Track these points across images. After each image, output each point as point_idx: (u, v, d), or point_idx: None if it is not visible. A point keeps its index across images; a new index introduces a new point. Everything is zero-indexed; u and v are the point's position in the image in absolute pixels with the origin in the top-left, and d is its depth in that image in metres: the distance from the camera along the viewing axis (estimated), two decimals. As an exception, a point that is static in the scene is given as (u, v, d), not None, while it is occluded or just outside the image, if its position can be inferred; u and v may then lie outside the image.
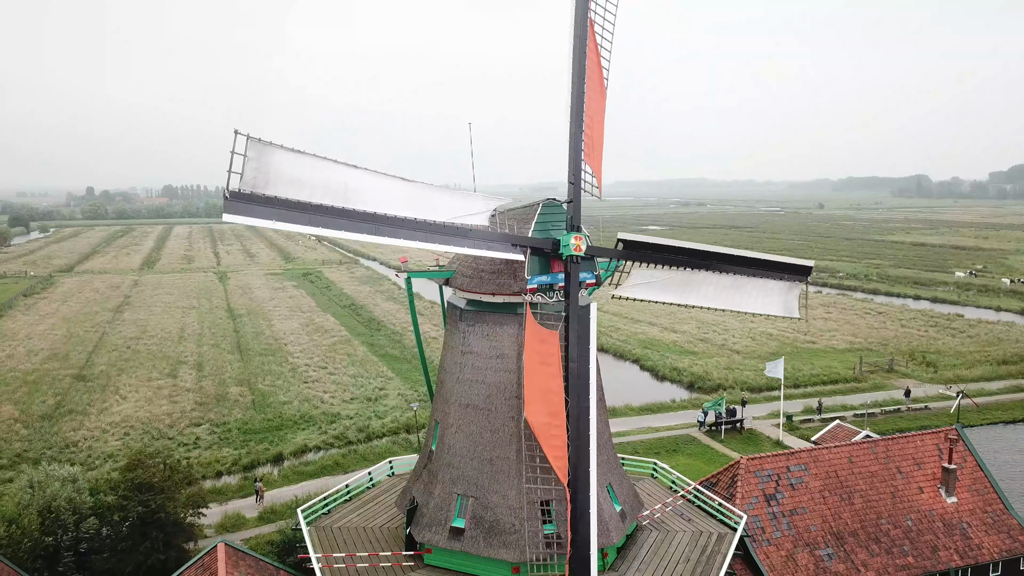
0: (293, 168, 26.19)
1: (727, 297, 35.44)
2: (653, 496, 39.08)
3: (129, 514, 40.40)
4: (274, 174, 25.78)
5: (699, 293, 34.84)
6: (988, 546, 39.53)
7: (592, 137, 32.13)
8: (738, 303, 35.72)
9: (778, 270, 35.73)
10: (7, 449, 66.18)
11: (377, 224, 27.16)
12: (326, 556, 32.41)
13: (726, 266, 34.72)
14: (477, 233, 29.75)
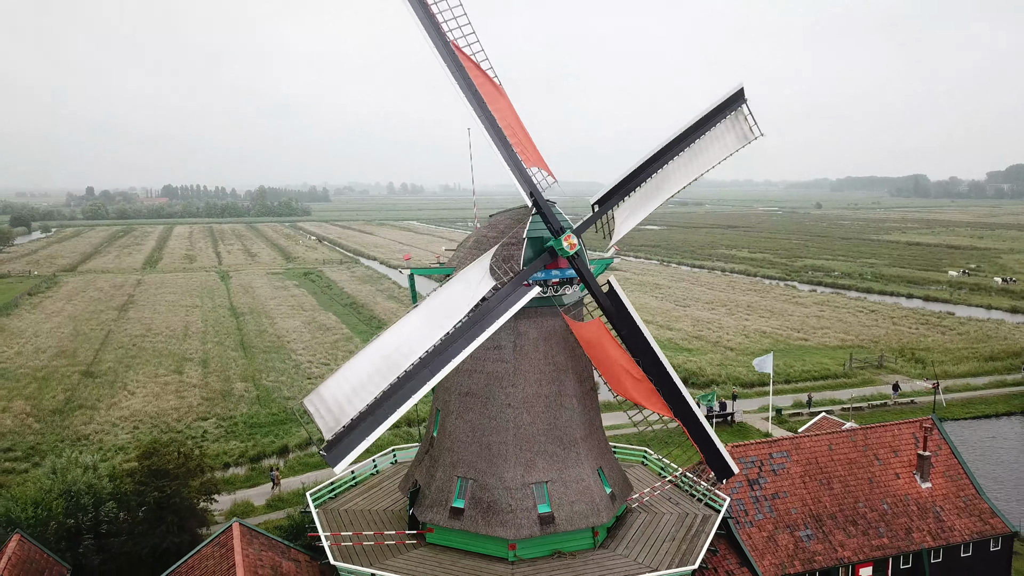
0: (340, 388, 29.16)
1: (695, 168, 36.31)
2: (643, 481, 41.24)
3: (145, 499, 42.59)
4: (335, 405, 28.85)
5: (671, 182, 35.93)
6: (960, 528, 41.72)
7: (521, 141, 34.21)
8: (705, 164, 36.44)
9: (717, 113, 36.53)
10: (21, 442, 68.31)
11: (424, 376, 29.63)
12: (334, 535, 34.57)
13: (676, 149, 35.77)
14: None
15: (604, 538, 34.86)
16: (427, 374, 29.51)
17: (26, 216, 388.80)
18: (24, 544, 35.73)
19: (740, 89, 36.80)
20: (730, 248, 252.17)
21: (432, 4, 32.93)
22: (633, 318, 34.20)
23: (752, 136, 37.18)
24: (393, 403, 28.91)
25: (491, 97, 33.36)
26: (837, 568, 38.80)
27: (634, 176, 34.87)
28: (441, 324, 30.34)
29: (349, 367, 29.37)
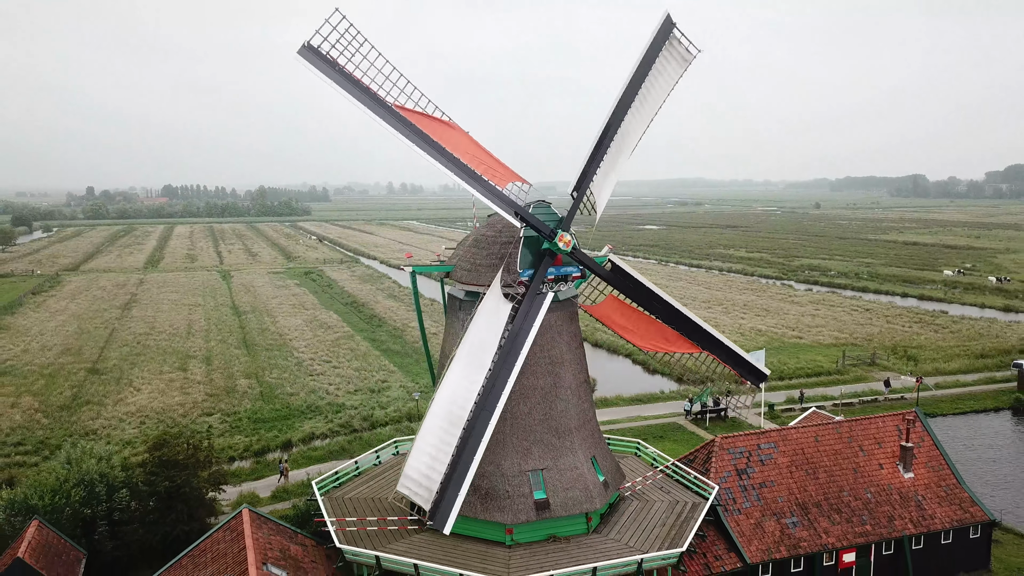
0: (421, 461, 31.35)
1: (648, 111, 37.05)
2: (636, 471, 42.88)
3: (156, 488, 44.16)
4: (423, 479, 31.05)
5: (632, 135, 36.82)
6: (940, 516, 43.33)
7: (489, 164, 35.97)
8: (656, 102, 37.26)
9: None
10: (30, 437, 69.81)
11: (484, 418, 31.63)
12: (339, 520, 36.18)
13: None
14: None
15: (597, 524, 36.47)
16: (486, 415, 31.55)
17: (27, 216, 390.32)
18: (43, 529, 37.35)
19: (667, 15, 37.55)
20: (728, 248, 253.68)
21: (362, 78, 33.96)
22: (643, 283, 36.50)
23: (691, 55, 37.85)
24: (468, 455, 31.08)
25: (446, 136, 34.86)
26: (821, 553, 40.41)
27: (599, 146, 35.95)
28: (482, 362, 32.11)
29: (421, 439, 31.38)
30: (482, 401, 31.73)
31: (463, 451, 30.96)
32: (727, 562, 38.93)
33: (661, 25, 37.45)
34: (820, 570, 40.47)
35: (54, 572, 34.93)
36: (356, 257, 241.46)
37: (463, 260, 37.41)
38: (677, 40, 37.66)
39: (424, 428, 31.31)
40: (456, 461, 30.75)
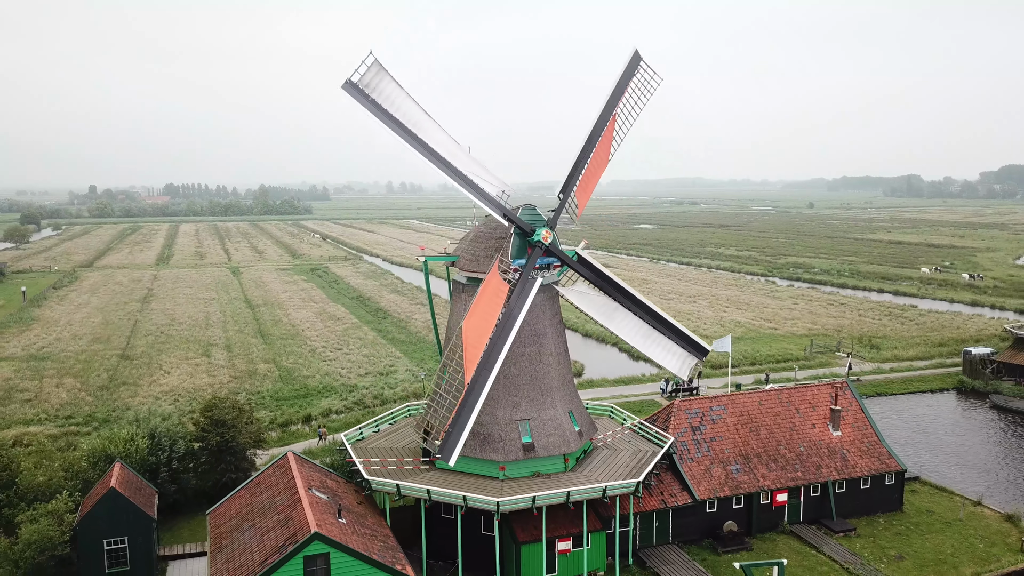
0: (393, 93, 40.76)
1: (639, 338, 45.79)
2: (608, 428, 51.57)
3: (208, 443, 52.87)
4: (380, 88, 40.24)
5: (619, 324, 45.76)
6: (861, 466, 52.08)
7: (587, 181, 44.57)
8: (645, 348, 46.06)
9: (680, 340, 46.76)
10: (78, 412, 78.38)
11: (427, 153, 40.72)
12: (365, 461, 44.87)
13: (644, 314, 45.95)
14: (487, 195, 42.47)
15: (574, 465, 45.16)
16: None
17: (36, 214, 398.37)
18: (124, 470, 46.07)
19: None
20: (718, 246, 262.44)
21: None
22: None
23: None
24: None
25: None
26: (758, 493, 49.16)
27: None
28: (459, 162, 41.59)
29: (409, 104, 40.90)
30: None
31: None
32: (680, 499, 47.71)
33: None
34: (757, 507, 49.24)
35: (138, 501, 43.58)
36: (359, 254, 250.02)
37: (465, 252, 46.06)
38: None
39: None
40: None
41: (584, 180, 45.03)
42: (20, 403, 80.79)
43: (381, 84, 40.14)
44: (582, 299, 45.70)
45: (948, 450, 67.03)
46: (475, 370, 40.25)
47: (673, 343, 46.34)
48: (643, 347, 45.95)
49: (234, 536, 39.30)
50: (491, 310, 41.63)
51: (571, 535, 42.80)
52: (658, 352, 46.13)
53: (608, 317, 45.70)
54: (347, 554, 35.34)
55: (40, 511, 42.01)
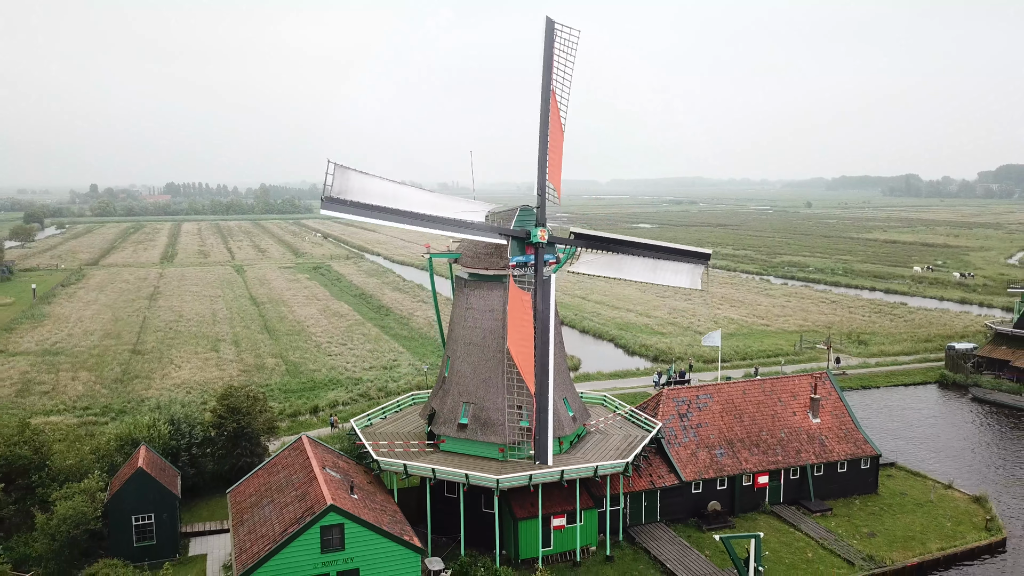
0: (362, 183, 42.34)
1: (648, 273, 50.67)
2: (601, 416, 54.91)
3: (224, 429, 56.21)
4: (350, 187, 41.96)
5: (628, 271, 50.22)
6: (838, 451, 55.45)
7: (554, 162, 47.83)
8: (656, 278, 50.89)
9: (683, 256, 50.94)
10: (94, 404, 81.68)
11: (415, 219, 43.20)
12: (374, 444, 48.23)
13: (644, 251, 50.04)
14: (478, 225, 45.65)
15: (567, 448, 48.51)
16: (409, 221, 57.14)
17: (39, 213, 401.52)
18: (149, 452, 49.43)
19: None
20: (716, 245, 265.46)
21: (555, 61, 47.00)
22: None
23: (697, 287, 50.99)
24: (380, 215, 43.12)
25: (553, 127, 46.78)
26: (741, 475, 52.54)
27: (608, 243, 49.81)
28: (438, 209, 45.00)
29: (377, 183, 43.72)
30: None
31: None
32: (668, 480, 51.08)
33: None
34: (740, 488, 52.62)
35: (163, 481, 46.92)
36: (361, 253, 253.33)
37: (467, 250, 49.37)
38: (700, 271, 50.79)
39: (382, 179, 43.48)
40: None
41: (552, 163, 47.78)
42: (39, 395, 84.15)
43: (349, 182, 42.38)
44: (591, 266, 49.54)
45: (926, 439, 70.40)
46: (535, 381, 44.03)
47: (678, 263, 50.86)
48: (655, 278, 50.41)
49: (254, 511, 42.67)
50: (524, 321, 45.08)
51: (565, 512, 46.17)
52: (669, 276, 50.68)
53: (617, 270, 50.15)
54: (360, 525, 38.72)
55: (74, 489, 45.34)
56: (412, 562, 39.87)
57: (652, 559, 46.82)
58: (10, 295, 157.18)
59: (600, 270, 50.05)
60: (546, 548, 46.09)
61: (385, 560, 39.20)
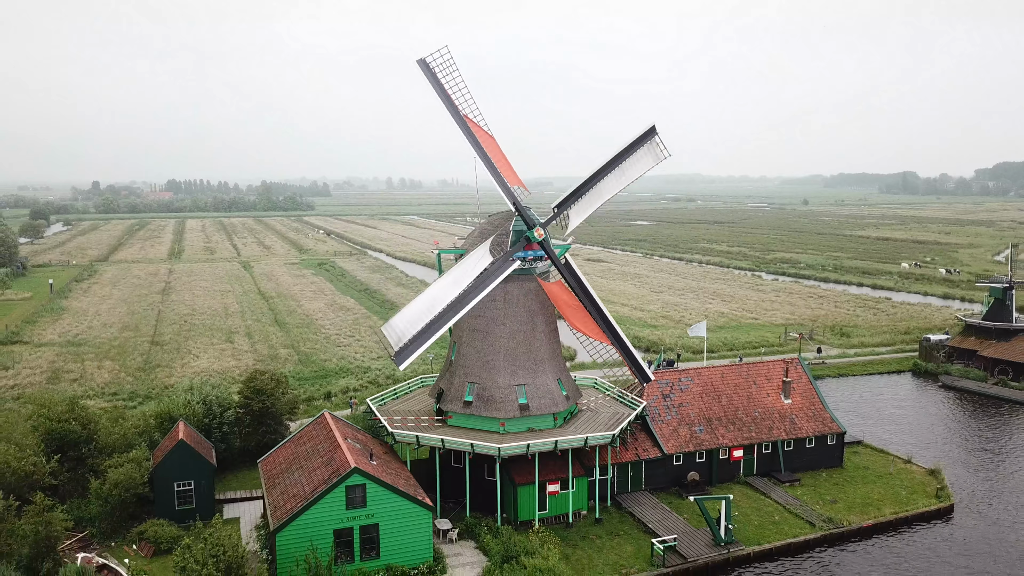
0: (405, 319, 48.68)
1: (622, 181, 54.46)
2: (593, 396, 60.66)
3: (250, 409, 61.96)
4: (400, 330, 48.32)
5: (605, 192, 54.53)
6: (806, 428, 61.24)
7: (505, 168, 53.35)
8: (630, 178, 54.64)
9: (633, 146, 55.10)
10: (121, 390, 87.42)
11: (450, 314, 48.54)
12: (389, 418, 53.99)
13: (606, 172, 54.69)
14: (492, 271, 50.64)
15: (561, 423, 54.27)
16: (452, 313, 48.82)
17: (45, 210, 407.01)
18: (187, 427, 55.20)
19: (652, 126, 55.39)
20: (711, 242, 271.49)
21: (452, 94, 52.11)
22: (580, 278, 53.78)
23: (663, 156, 55.67)
24: (434, 329, 48.10)
25: (486, 142, 52.44)
26: (717, 449, 58.33)
27: (579, 190, 54.01)
28: (460, 284, 49.69)
29: (407, 309, 48.79)
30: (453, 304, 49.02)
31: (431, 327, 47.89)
32: (652, 453, 56.88)
33: (646, 131, 54.94)
34: (717, 461, 58.43)
35: (201, 452, 52.69)
36: (363, 250, 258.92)
37: (472, 246, 55.05)
38: (656, 144, 55.27)
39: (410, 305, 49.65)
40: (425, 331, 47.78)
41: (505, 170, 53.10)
42: (68, 382, 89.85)
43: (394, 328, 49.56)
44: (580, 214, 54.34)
45: (893, 421, 76.20)
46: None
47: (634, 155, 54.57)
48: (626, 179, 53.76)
49: (285, 476, 48.45)
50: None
51: (559, 479, 51.93)
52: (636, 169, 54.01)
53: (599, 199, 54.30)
54: (380, 485, 44.51)
55: (123, 459, 51.11)
56: (424, 519, 45.68)
57: (636, 521, 52.62)
58: (27, 290, 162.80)
59: (585, 211, 54.70)
60: (542, 511, 51.86)
61: (401, 516, 44.98)
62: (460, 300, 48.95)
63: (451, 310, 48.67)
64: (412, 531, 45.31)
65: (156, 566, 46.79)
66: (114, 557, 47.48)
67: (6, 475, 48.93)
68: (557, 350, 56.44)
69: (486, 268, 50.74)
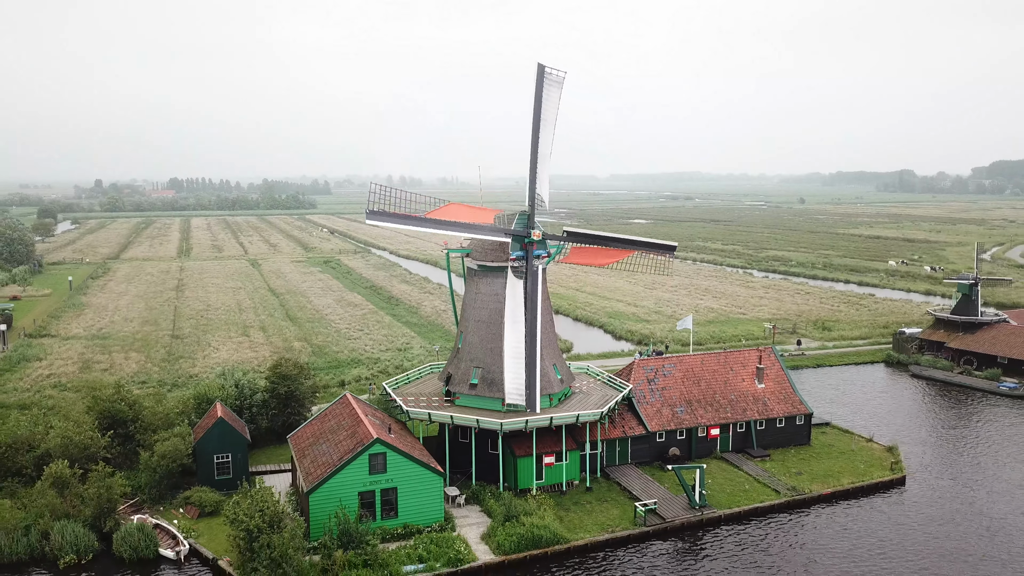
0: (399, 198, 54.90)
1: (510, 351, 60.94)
2: (585, 381, 67.46)
3: (276, 393, 68.75)
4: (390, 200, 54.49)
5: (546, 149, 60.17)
6: (777, 410, 68.07)
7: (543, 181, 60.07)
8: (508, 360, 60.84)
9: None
10: (150, 379, 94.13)
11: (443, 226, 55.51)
12: (403, 399, 60.80)
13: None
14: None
15: (556, 403, 61.06)
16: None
17: (52, 208, 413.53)
18: (224, 407, 62.01)
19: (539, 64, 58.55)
20: (706, 240, 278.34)
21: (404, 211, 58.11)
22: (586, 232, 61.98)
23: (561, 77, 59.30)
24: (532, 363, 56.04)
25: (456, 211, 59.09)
26: (696, 428, 65.16)
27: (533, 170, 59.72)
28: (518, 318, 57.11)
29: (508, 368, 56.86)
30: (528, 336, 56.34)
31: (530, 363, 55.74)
32: (637, 431, 63.72)
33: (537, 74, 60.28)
34: (696, 438, 65.29)
35: (237, 428, 59.49)
36: (368, 248, 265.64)
37: (476, 246, 61.82)
38: (549, 74, 60.54)
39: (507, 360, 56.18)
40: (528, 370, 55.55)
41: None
42: (99, 372, 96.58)
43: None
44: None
45: (862, 406, 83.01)
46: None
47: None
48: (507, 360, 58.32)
49: (313, 448, 55.27)
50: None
51: (554, 452, 58.74)
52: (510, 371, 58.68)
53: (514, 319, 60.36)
54: (398, 453, 51.32)
55: (169, 434, 57.94)
56: (436, 483, 52.50)
57: (623, 490, 59.44)
58: (45, 287, 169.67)
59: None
60: (539, 481, 58.65)
61: (416, 480, 51.79)
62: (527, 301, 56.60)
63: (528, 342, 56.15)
64: (426, 494, 52.12)
65: (202, 526, 53.61)
66: (164, 519, 54.31)
67: (69, 448, 55.82)
68: (553, 339, 63.20)
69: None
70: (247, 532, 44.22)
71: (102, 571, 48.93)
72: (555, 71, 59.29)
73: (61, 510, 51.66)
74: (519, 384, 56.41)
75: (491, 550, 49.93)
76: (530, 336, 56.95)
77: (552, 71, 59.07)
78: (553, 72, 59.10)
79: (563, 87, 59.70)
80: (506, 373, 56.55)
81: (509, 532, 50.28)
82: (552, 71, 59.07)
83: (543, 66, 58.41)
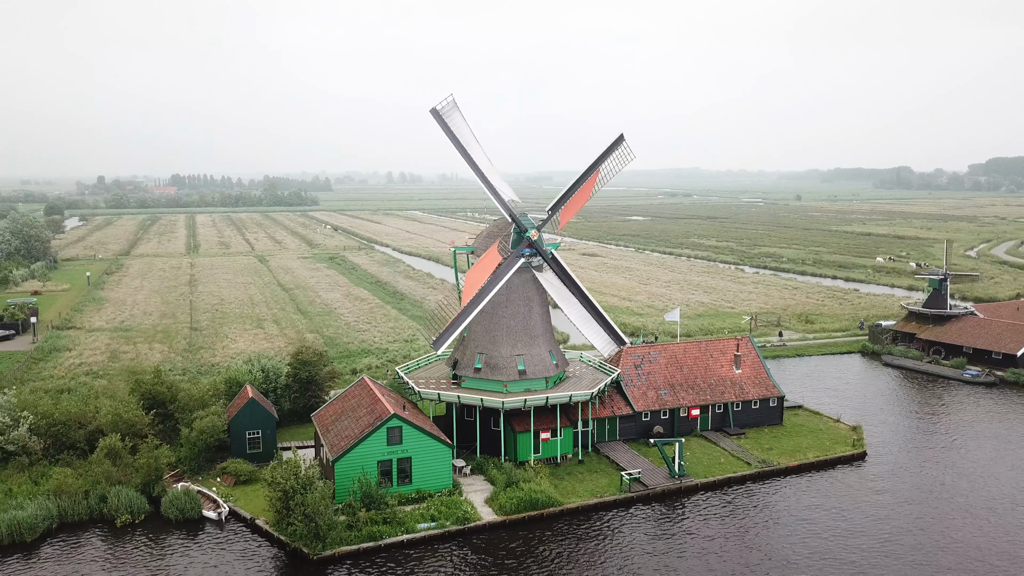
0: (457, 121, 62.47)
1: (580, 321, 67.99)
2: (578, 366, 74.48)
3: (298, 377, 75.73)
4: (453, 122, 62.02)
5: (568, 307, 67.96)
6: (752, 393, 75.10)
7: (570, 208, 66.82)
8: (582, 328, 68.30)
9: (607, 328, 69.40)
10: (175, 367, 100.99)
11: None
12: (415, 381, 67.81)
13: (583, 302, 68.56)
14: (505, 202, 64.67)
15: (552, 385, 68.06)
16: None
17: (59, 205, 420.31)
18: (253, 389, 69.02)
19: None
20: (701, 237, 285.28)
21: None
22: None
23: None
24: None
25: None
26: (678, 408, 72.21)
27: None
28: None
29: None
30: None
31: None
32: (624, 411, 70.78)
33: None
34: (678, 418, 72.35)
35: (265, 407, 66.47)
36: (371, 244, 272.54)
37: (481, 244, 68.74)
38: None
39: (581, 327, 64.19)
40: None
41: (567, 206, 67.14)
42: (126, 361, 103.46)
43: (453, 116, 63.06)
44: (548, 285, 68.01)
45: (834, 391, 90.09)
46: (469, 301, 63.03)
47: (602, 329, 68.76)
48: (581, 327, 67.74)
49: (336, 424, 62.29)
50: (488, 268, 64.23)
51: (550, 429, 65.75)
52: (591, 333, 68.01)
53: (564, 300, 68.01)
54: (412, 427, 58.35)
55: (207, 412, 64.95)
56: (445, 453, 59.55)
57: (611, 463, 66.48)
58: (63, 282, 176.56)
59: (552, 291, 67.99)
60: (536, 454, 65.67)
61: (428, 451, 58.81)
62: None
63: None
64: (437, 463, 59.15)
65: (238, 492, 60.65)
66: (204, 487, 61.32)
67: (118, 424, 62.84)
68: (549, 328, 70.22)
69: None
70: (284, 492, 51.23)
71: (153, 530, 55.94)
72: (443, 103, 64.52)
73: (115, 478, 58.63)
74: (604, 339, 66.48)
75: (494, 511, 56.97)
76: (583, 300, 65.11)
77: (441, 104, 64.44)
78: (443, 105, 64.56)
79: (457, 105, 65.42)
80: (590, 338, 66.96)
81: (510, 496, 57.34)
82: (441, 104, 64.44)
83: (435, 109, 64.29)
